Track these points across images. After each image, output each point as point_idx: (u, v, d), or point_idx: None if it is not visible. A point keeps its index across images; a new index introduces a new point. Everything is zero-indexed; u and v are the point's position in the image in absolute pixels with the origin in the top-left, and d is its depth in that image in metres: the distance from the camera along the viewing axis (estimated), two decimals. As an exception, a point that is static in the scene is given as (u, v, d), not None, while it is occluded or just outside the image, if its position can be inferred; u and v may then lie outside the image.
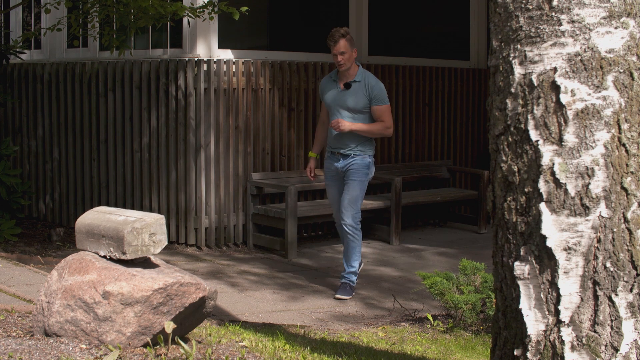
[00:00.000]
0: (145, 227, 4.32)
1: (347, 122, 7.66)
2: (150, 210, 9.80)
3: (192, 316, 4.46)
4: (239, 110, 9.62)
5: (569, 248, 3.31)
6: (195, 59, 9.37)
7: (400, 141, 11.25)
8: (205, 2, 8.83)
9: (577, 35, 3.32)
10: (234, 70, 9.54)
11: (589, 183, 3.30)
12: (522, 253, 3.40)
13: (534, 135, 3.35)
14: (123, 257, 4.31)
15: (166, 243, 4.42)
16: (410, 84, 11.28)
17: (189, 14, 8.67)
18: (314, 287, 8.03)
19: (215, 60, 9.41)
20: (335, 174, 7.83)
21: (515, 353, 3.45)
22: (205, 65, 9.36)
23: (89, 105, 10.51)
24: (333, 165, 7.82)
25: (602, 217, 3.31)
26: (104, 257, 4.41)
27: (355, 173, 7.73)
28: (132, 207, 9.95)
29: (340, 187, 7.83)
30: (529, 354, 3.39)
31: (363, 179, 7.75)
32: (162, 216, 4.43)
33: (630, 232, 3.33)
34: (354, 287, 7.79)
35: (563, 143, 3.31)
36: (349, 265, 7.77)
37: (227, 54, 9.67)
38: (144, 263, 4.45)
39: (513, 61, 3.41)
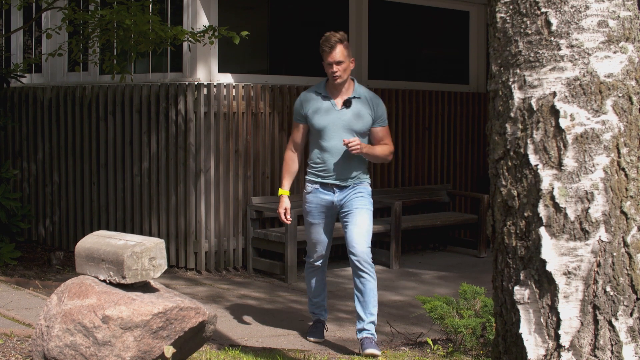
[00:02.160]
0: (145, 251, 4.31)
1: (363, 143, 6.42)
2: (150, 234, 9.79)
3: (191, 340, 4.45)
4: (239, 134, 9.63)
5: (569, 272, 3.30)
6: (195, 83, 9.39)
7: (400, 165, 11.25)
8: (206, 26, 8.86)
9: (576, 59, 3.33)
10: (234, 94, 9.56)
11: (589, 207, 3.30)
12: (522, 277, 3.39)
13: (533, 159, 3.36)
14: (123, 282, 4.31)
15: (166, 267, 4.41)
16: (410, 107, 11.30)
17: (190, 38, 8.69)
18: (313, 311, 8.01)
19: (215, 84, 9.43)
20: (325, 210, 6.64)
21: (515, 378, 3.44)
22: (205, 89, 9.38)
23: (89, 129, 10.52)
24: (324, 200, 6.60)
25: (602, 241, 3.31)
26: (104, 281, 4.41)
27: (363, 199, 6.54)
28: (132, 231, 9.95)
29: (330, 224, 6.72)
30: (529, 379, 3.38)
31: (371, 208, 6.59)
32: (162, 240, 4.43)
33: (630, 257, 3.33)
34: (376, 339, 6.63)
35: (562, 167, 3.31)
36: (368, 313, 6.55)
37: (227, 78, 9.69)
38: (144, 287, 4.44)
39: (512, 86, 3.42)
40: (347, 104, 6.52)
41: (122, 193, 10.18)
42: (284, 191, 6.74)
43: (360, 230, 6.47)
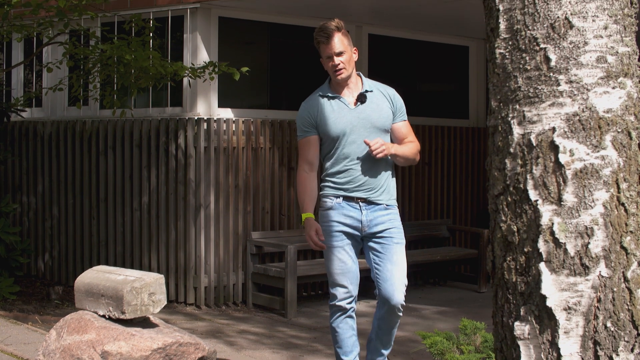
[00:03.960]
0: (145, 286, 4.31)
1: (388, 143, 5.48)
2: (150, 269, 9.77)
3: (190, 376, 4.43)
4: (238, 169, 9.64)
5: (569, 308, 3.30)
6: (195, 117, 9.41)
7: (400, 200, 11.23)
8: (206, 62, 8.89)
9: (575, 95, 3.34)
10: (234, 129, 9.58)
11: (589, 243, 3.29)
12: (522, 313, 3.38)
13: (533, 195, 3.36)
14: (122, 317, 4.30)
15: (165, 302, 4.40)
16: (410, 142, 11.30)
17: (190, 74, 8.72)
18: (313, 347, 7.98)
19: (215, 119, 9.45)
20: (349, 231, 5.54)
21: (516, 414, 3.42)
22: (205, 124, 9.40)
23: (89, 164, 10.53)
24: (349, 219, 5.52)
25: (602, 276, 3.31)
26: (103, 316, 4.40)
27: (398, 233, 5.63)
28: (132, 266, 9.93)
29: (356, 250, 5.63)
30: (530, 415, 3.36)
31: (404, 240, 5.71)
32: (162, 276, 4.43)
33: (631, 292, 3.33)
34: None
35: (562, 203, 3.31)
36: (386, 348, 5.95)
37: (227, 113, 9.71)
38: (143, 322, 4.43)
39: (512, 121, 3.42)
40: (361, 98, 5.57)
41: (121, 228, 10.18)
42: (309, 214, 5.47)
43: (400, 273, 5.57)
